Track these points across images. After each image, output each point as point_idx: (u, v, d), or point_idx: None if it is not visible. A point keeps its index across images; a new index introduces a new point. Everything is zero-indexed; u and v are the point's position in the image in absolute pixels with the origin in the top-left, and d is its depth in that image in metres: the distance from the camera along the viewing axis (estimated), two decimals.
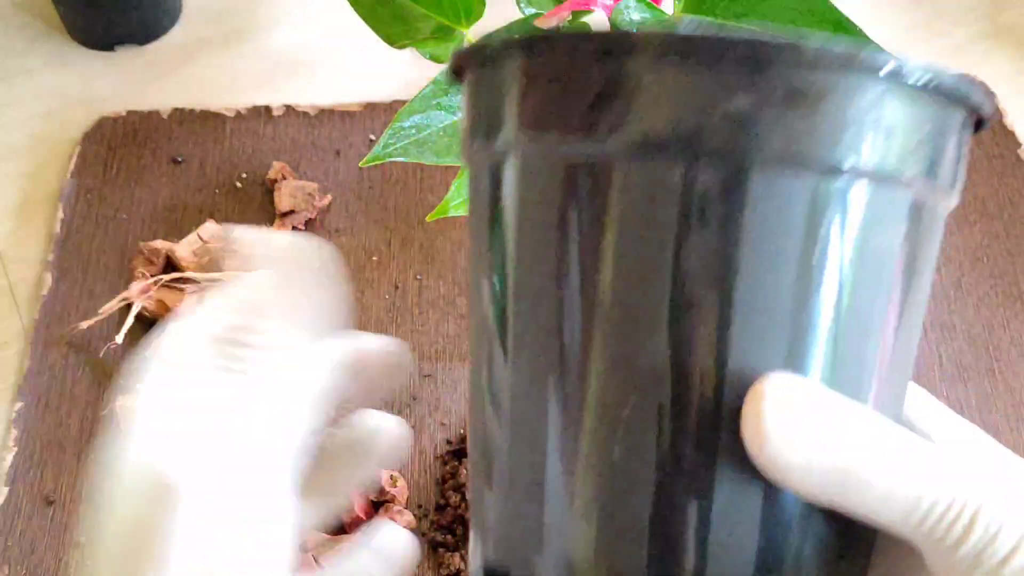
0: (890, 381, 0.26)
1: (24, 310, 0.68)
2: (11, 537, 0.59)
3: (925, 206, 0.26)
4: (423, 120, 0.48)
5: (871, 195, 0.24)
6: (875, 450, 0.22)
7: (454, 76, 0.27)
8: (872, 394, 0.25)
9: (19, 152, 0.77)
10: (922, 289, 0.27)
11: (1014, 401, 0.63)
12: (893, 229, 0.25)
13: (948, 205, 0.27)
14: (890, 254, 0.25)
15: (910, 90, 0.23)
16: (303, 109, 0.77)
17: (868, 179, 0.23)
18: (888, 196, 0.24)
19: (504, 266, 0.25)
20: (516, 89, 0.24)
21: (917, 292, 0.26)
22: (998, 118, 0.76)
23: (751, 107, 0.22)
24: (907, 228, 0.25)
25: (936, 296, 0.68)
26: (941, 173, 0.26)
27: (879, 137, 0.23)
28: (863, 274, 0.24)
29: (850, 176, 0.23)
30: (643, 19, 0.49)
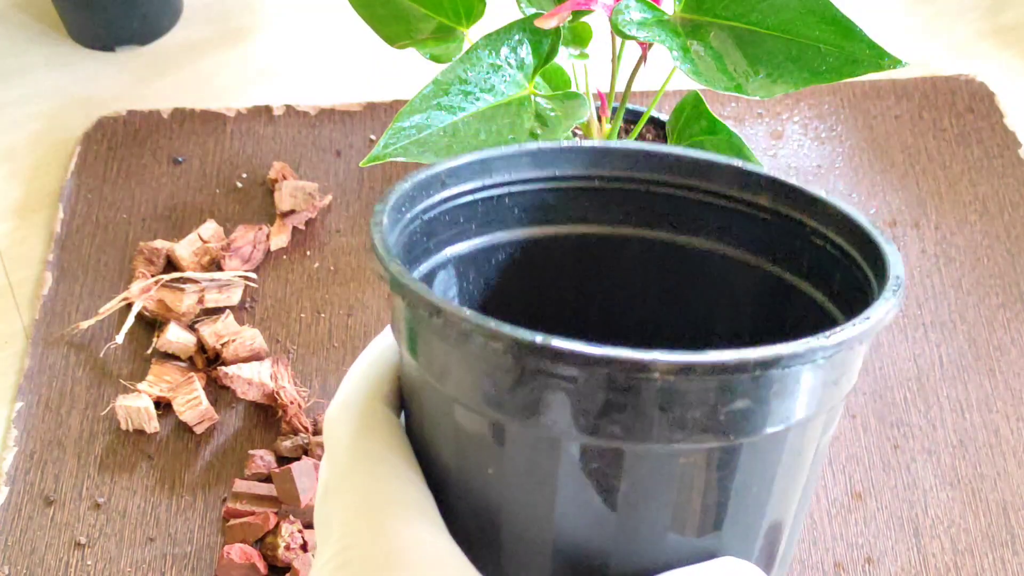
0: None
1: (24, 310, 0.68)
2: (11, 537, 0.59)
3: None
4: (423, 120, 0.48)
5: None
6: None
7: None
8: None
9: (19, 152, 0.77)
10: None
11: (1014, 401, 0.63)
12: (762, 468, 0.29)
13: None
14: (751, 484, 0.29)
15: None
16: (303, 109, 0.77)
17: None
18: (760, 446, 0.28)
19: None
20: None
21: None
22: (998, 118, 0.76)
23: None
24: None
25: (936, 296, 0.68)
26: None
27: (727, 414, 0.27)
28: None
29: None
30: (643, 19, 0.49)
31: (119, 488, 0.60)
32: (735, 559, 0.29)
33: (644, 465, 0.27)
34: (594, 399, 0.26)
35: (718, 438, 0.27)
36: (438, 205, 0.35)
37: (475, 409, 0.28)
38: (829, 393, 0.28)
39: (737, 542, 0.30)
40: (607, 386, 0.26)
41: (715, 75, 0.48)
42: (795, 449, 0.29)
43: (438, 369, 0.29)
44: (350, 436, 0.30)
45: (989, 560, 0.57)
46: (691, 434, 0.27)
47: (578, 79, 0.55)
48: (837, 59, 0.47)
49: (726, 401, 0.26)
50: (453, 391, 0.29)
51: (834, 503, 0.59)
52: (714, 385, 0.26)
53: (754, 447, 0.28)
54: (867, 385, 0.64)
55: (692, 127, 0.53)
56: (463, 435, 0.29)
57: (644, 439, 0.27)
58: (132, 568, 0.58)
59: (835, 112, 0.77)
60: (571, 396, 0.27)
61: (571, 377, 0.26)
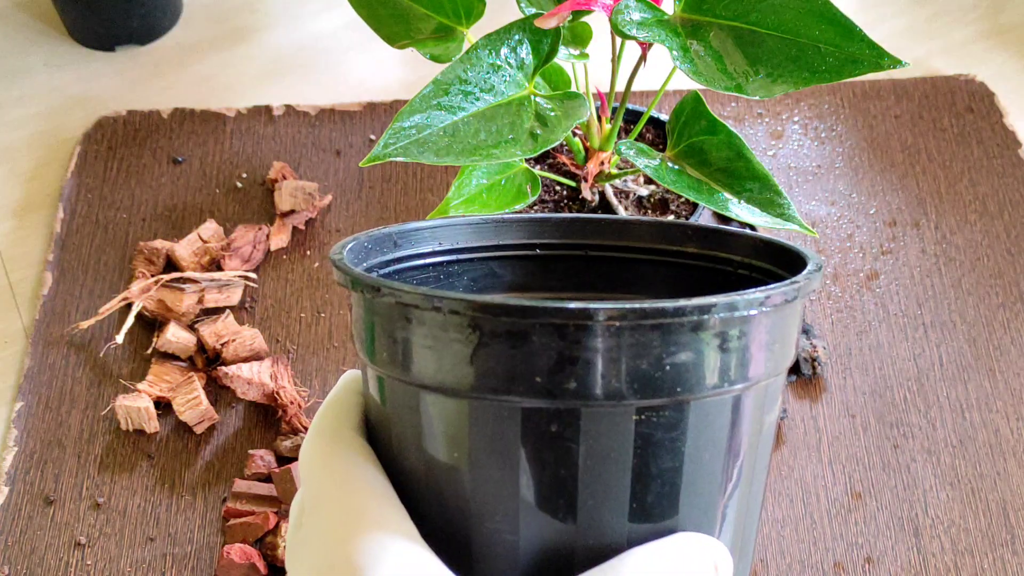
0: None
1: (24, 310, 0.68)
2: (11, 537, 0.59)
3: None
4: (423, 120, 0.48)
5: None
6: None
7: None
8: None
9: (19, 152, 0.77)
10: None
11: (1014, 401, 0.63)
12: (715, 429, 0.31)
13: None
14: (706, 447, 0.31)
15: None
16: (303, 109, 0.77)
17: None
18: (709, 406, 0.31)
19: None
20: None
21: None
22: (998, 118, 0.76)
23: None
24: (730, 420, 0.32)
25: (936, 296, 0.68)
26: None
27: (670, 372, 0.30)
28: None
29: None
30: (643, 19, 0.49)
31: (119, 488, 0.60)
32: (695, 533, 0.30)
33: (599, 425, 0.29)
34: (547, 355, 0.29)
35: (666, 393, 0.29)
36: (392, 264, 0.38)
37: (438, 388, 0.30)
38: (766, 359, 0.31)
39: (697, 520, 0.31)
40: (558, 338, 0.28)
41: (715, 75, 0.48)
42: (738, 419, 0.31)
43: (400, 358, 0.31)
44: (323, 461, 0.31)
45: (989, 560, 0.57)
46: (641, 389, 0.29)
47: (578, 79, 0.55)
48: (837, 59, 0.47)
49: (670, 352, 0.29)
50: (417, 376, 0.30)
51: (834, 503, 0.59)
52: (657, 335, 0.29)
53: (701, 407, 0.30)
54: (867, 385, 0.64)
55: (692, 127, 0.53)
56: (429, 425, 0.31)
57: (597, 396, 0.29)
58: (132, 568, 0.58)
59: (835, 112, 0.77)
60: (525, 354, 0.29)
61: (522, 332, 0.29)
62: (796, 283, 0.31)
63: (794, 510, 0.59)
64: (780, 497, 0.60)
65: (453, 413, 0.30)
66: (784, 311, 0.31)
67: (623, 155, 0.54)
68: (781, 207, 0.51)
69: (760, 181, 0.52)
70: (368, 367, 0.33)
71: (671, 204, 0.59)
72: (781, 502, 0.59)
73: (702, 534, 0.31)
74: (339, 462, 0.31)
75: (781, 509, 0.59)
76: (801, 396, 0.63)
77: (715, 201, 0.52)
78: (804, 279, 0.32)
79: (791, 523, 0.59)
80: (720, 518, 0.32)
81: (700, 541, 0.30)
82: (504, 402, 0.30)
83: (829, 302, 0.67)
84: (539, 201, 0.60)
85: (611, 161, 0.57)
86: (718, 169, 0.53)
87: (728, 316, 0.29)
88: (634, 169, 0.57)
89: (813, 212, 0.72)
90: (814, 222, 0.71)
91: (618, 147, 0.54)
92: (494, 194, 0.54)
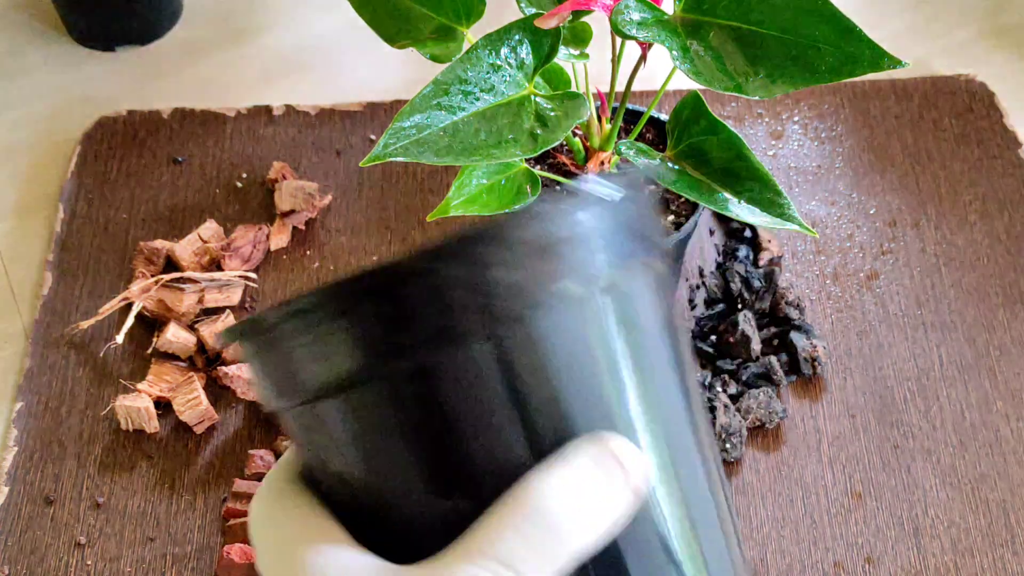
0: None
1: (24, 310, 0.68)
2: (11, 537, 0.59)
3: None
4: (423, 120, 0.48)
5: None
6: None
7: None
8: None
9: (19, 152, 0.77)
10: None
11: (1014, 401, 0.63)
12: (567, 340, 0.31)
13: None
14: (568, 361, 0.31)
15: None
16: (303, 109, 0.77)
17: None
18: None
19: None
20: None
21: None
22: (998, 118, 0.76)
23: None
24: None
25: (936, 296, 0.68)
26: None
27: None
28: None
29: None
30: (643, 19, 0.49)
31: (119, 488, 0.60)
32: (587, 434, 0.30)
33: (456, 372, 0.30)
34: (379, 318, 0.30)
35: (504, 316, 0.29)
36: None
37: (324, 392, 0.31)
38: (587, 263, 0.31)
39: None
40: (379, 299, 0.29)
41: (715, 75, 0.48)
42: (597, 322, 0.31)
43: (288, 384, 0.32)
44: (267, 508, 0.33)
45: (989, 560, 0.57)
46: (476, 322, 0.29)
47: (578, 79, 0.55)
48: (837, 59, 0.47)
49: (493, 276, 0.29)
50: (305, 390, 0.31)
51: (834, 503, 0.59)
52: (473, 264, 0.29)
53: (546, 321, 0.30)
54: (867, 385, 0.64)
55: (692, 127, 0.53)
56: (328, 435, 0.32)
57: (438, 341, 0.29)
58: (132, 568, 0.58)
59: (835, 112, 0.77)
60: (362, 328, 0.30)
61: (348, 309, 0.30)
62: (587, 182, 0.31)
63: (794, 510, 0.59)
64: (780, 497, 0.60)
65: (339, 413, 0.31)
66: (600, 209, 0.31)
67: (623, 155, 0.54)
68: (781, 207, 0.51)
69: (760, 181, 0.52)
70: (273, 405, 0.34)
71: (671, 204, 0.59)
72: (781, 502, 0.59)
73: (596, 432, 0.31)
74: (280, 506, 0.33)
75: (781, 509, 0.59)
76: (801, 396, 0.63)
77: (715, 201, 0.52)
78: (591, 183, 0.32)
79: (791, 523, 0.59)
80: (626, 426, 0.31)
81: (591, 439, 0.30)
82: (368, 387, 0.30)
83: (829, 302, 0.67)
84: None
85: (611, 161, 0.57)
86: (718, 169, 0.53)
87: (538, 223, 0.30)
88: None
89: (813, 212, 0.72)
90: (814, 222, 0.71)
91: (618, 147, 0.54)
92: (494, 194, 0.54)
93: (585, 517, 0.30)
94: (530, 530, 0.29)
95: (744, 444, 0.61)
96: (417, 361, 0.30)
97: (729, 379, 0.63)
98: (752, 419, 0.61)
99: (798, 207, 0.72)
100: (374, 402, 0.31)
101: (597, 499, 0.30)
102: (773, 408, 0.62)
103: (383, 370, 0.30)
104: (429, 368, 0.30)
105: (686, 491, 0.32)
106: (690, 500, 0.33)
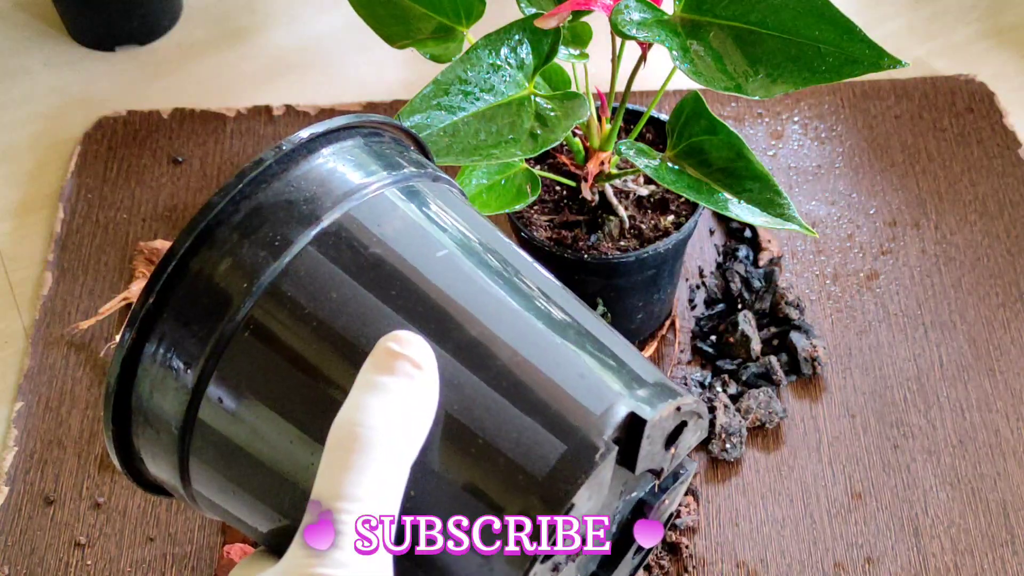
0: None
1: (24, 310, 0.68)
2: (11, 537, 0.59)
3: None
4: (423, 120, 0.48)
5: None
6: None
7: None
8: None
9: (19, 152, 0.77)
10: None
11: (1014, 401, 0.63)
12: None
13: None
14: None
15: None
16: (303, 109, 0.77)
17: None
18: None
19: None
20: None
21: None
22: (998, 118, 0.76)
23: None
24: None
25: (936, 296, 0.68)
26: None
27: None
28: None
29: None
30: (643, 19, 0.49)
31: (119, 488, 0.60)
32: (387, 334, 0.33)
33: (233, 351, 0.34)
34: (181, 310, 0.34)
35: (243, 295, 0.33)
36: None
37: (173, 429, 0.35)
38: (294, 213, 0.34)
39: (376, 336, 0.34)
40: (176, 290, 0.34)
41: (715, 75, 0.48)
42: (338, 251, 0.34)
43: (162, 460, 0.36)
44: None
45: (989, 560, 0.57)
46: (231, 302, 0.33)
47: (578, 79, 0.55)
48: (837, 59, 0.47)
49: (293, 205, 0.34)
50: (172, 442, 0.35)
51: (834, 503, 0.59)
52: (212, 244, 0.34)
53: (300, 260, 0.34)
54: (867, 385, 0.64)
55: (692, 127, 0.53)
56: (211, 504, 0.36)
57: (215, 322, 0.33)
58: (132, 568, 0.58)
59: (835, 112, 0.77)
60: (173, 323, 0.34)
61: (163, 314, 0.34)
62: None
63: (794, 510, 0.59)
64: (780, 497, 0.60)
65: (207, 454, 0.35)
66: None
67: (623, 155, 0.54)
68: (781, 207, 0.51)
69: (760, 181, 0.52)
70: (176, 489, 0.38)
71: (671, 204, 0.59)
72: (781, 502, 0.59)
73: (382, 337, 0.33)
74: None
75: (781, 509, 0.59)
76: (801, 396, 0.63)
77: (715, 201, 0.52)
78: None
79: (791, 523, 0.59)
80: (401, 323, 0.34)
81: (377, 345, 0.33)
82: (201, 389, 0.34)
83: (829, 302, 0.67)
84: (539, 201, 0.60)
85: (611, 161, 0.57)
86: (718, 169, 0.53)
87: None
88: (634, 169, 0.57)
89: (813, 212, 0.72)
90: (814, 222, 0.71)
91: (618, 147, 0.54)
92: (494, 194, 0.54)
93: (392, 422, 0.31)
94: (353, 461, 0.30)
95: (744, 444, 0.61)
96: (205, 378, 0.33)
97: (729, 379, 0.63)
98: (752, 419, 0.61)
99: (798, 207, 0.72)
100: (206, 434, 0.34)
101: (394, 401, 0.31)
102: (773, 408, 0.62)
103: (191, 401, 0.34)
104: (222, 376, 0.33)
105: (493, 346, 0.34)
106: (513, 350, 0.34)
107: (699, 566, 0.57)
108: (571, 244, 0.58)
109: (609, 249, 0.57)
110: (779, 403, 0.62)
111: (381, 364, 0.32)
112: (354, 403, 0.31)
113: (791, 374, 0.64)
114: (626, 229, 0.58)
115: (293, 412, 0.33)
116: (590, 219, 0.59)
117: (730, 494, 0.60)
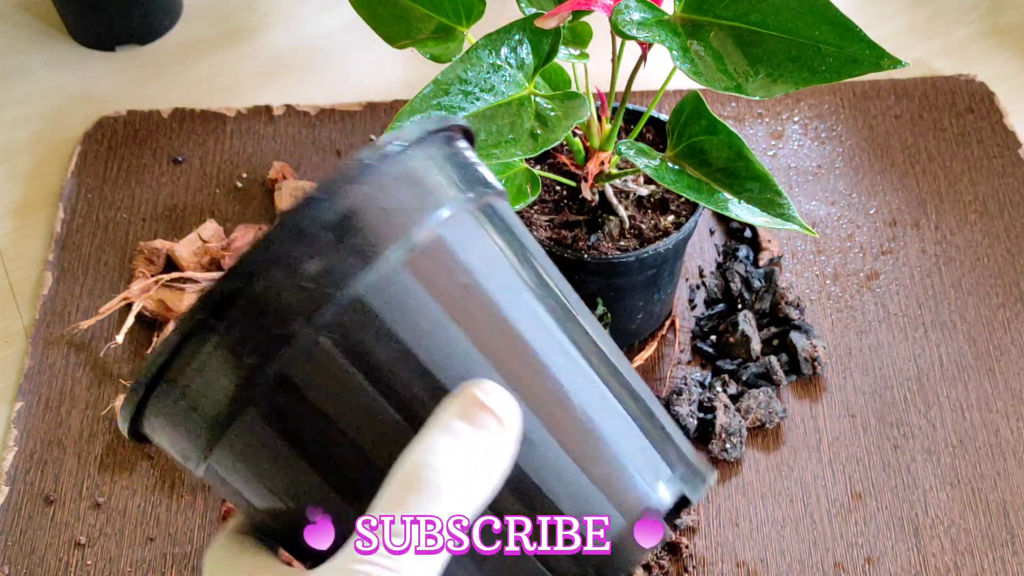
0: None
1: (24, 310, 0.68)
2: (11, 537, 0.59)
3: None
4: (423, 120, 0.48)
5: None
6: None
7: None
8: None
9: (19, 152, 0.77)
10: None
11: (1014, 401, 0.63)
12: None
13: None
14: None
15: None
16: (303, 109, 0.77)
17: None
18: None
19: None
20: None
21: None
22: (998, 118, 0.76)
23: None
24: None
25: (936, 296, 0.68)
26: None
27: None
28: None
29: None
30: (643, 19, 0.49)
31: (119, 488, 0.60)
32: (467, 382, 0.31)
33: (309, 367, 0.31)
34: (224, 343, 0.31)
35: (327, 301, 0.30)
36: None
37: (213, 435, 0.32)
38: (379, 238, 0.32)
39: (459, 380, 0.32)
40: (218, 326, 0.31)
41: (715, 75, 0.48)
42: (421, 282, 0.32)
43: (189, 443, 0.33)
44: (217, 561, 0.35)
45: (989, 560, 0.57)
46: (300, 318, 0.30)
47: (578, 79, 0.55)
48: (837, 59, 0.47)
49: (292, 263, 0.30)
50: (200, 443, 0.33)
51: (834, 503, 0.59)
52: (277, 261, 0.30)
53: (372, 295, 0.31)
54: (867, 385, 0.64)
55: (692, 127, 0.53)
56: (234, 477, 0.34)
57: (276, 348, 0.31)
58: (132, 568, 0.58)
59: (835, 112, 0.77)
60: (217, 358, 0.31)
61: (200, 345, 0.31)
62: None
63: (794, 510, 0.59)
64: (780, 497, 0.60)
65: (227, 466, 0.33)
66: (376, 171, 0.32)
67: (623, 155, 0.54)
68: (781, 207, 0.51)
69: (760, 181, 0.52)
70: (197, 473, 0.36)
71: (671, 204, 0.59)
72: (781, 502, 0.59)
73: (466, 382, 0.32)
74: (227, 561, 0.35)
75: (781, 509, 0.59)
76: (801, 396, 0.63)
77: (715, 201, 0.52)
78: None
79: (791, 523, 0.59)
80: (485, 367, 0.32)
81: (458, 392, 0.31)
82: (237, 424, 0.32)
83: (829, 302, 0.67)
84: (539, 201, 0.60)
85: (611, 161, 0.57)
86: (718, 169, 0.53)
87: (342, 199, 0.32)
88: (634, 169, 0.57)
89: (813, 212, 0.72)
90: (814, 222, 0.71)
91: (618, 147, 0.54)
92: None
93: (463, 473, 0.30)
94: (413, 503, 0.30)
95: (744, 444, 0.61)
96: (269, 374, 0.31)
97: (729, 379, 0.63)
98: (752, 419, 0.61)
99: (798, 207, 0.72)
100: (254, 429, 0.32)
101: (470, 452, 0.30)
102: (773, 408, 0.62)
103: (248, 394, 0.31)
104: (285, 376, 0.31)
105: (566, 412, 0.33)
106: (578, 418, 0.33)
107: (699, 566, 0.57)
108: (571, 244, 0.58)
109: (609, 249, 0.57)
110: (779, 403, 0.62)
111: (464, 411, 0.31)
112: (429, 444, 0.30)
113: (791, 374, 0.64)
114: (626, 229, 0.58)
115: (354, 426, 0.32)
116: (590, 219, 0.59)
117: (730, 494, 0.60)
